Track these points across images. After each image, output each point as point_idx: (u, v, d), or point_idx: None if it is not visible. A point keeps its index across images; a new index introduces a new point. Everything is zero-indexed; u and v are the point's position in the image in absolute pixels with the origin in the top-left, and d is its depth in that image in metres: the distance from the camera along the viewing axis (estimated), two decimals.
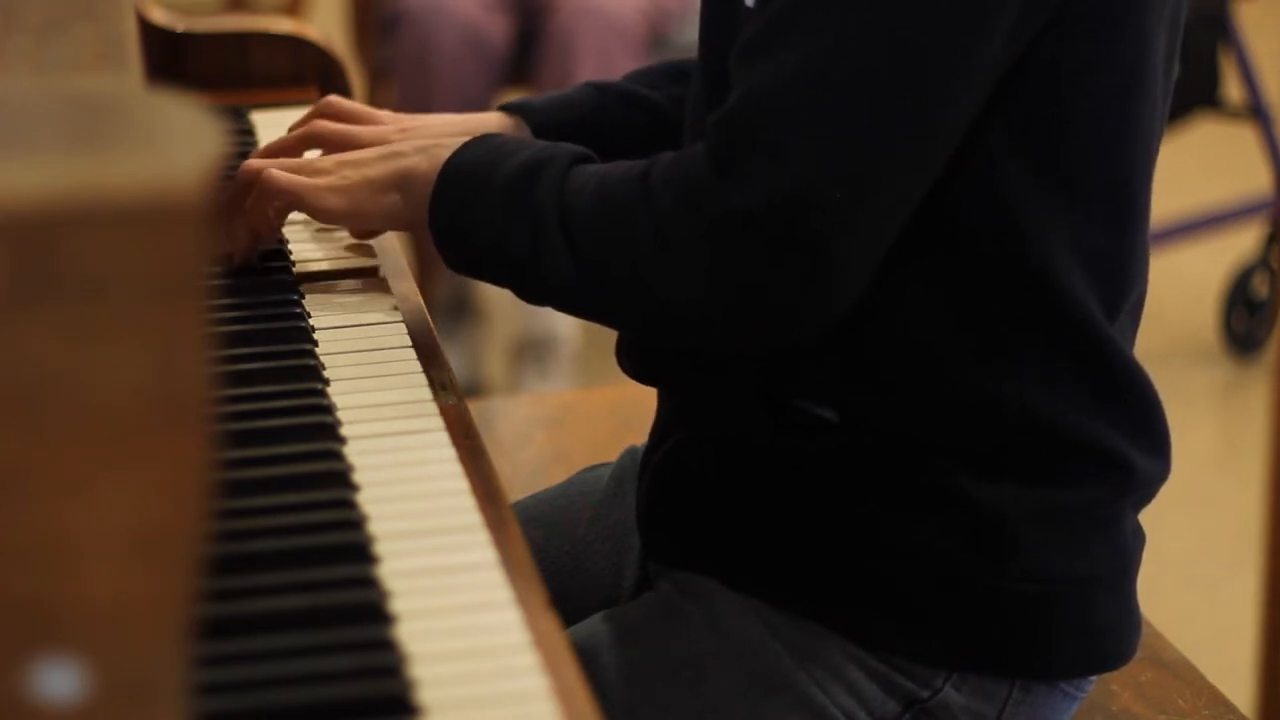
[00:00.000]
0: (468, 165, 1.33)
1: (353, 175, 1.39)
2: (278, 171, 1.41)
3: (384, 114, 1.52)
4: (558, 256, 1.27)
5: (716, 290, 1.22)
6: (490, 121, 1.50)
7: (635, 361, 1.43)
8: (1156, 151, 1.34)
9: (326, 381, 1.29)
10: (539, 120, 1.50)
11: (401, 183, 1.37)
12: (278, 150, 1.48)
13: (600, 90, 1.53)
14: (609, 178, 1.27)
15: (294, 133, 1.50)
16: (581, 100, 1.52)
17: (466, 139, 1.36)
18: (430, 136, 1.46)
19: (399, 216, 1.38)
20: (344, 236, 1.52)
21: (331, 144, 1.47)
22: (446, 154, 1.34)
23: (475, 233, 1.32)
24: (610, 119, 1.51)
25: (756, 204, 1.19)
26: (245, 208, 1.42)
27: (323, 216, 1.41)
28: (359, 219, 1.41)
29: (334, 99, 1.53)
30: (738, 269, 1.21)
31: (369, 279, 1.47)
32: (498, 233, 1.30)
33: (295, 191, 1.39)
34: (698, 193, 1.22)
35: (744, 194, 1.19)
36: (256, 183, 1.41)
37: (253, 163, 1.43)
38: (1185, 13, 1.34)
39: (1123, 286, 1.32)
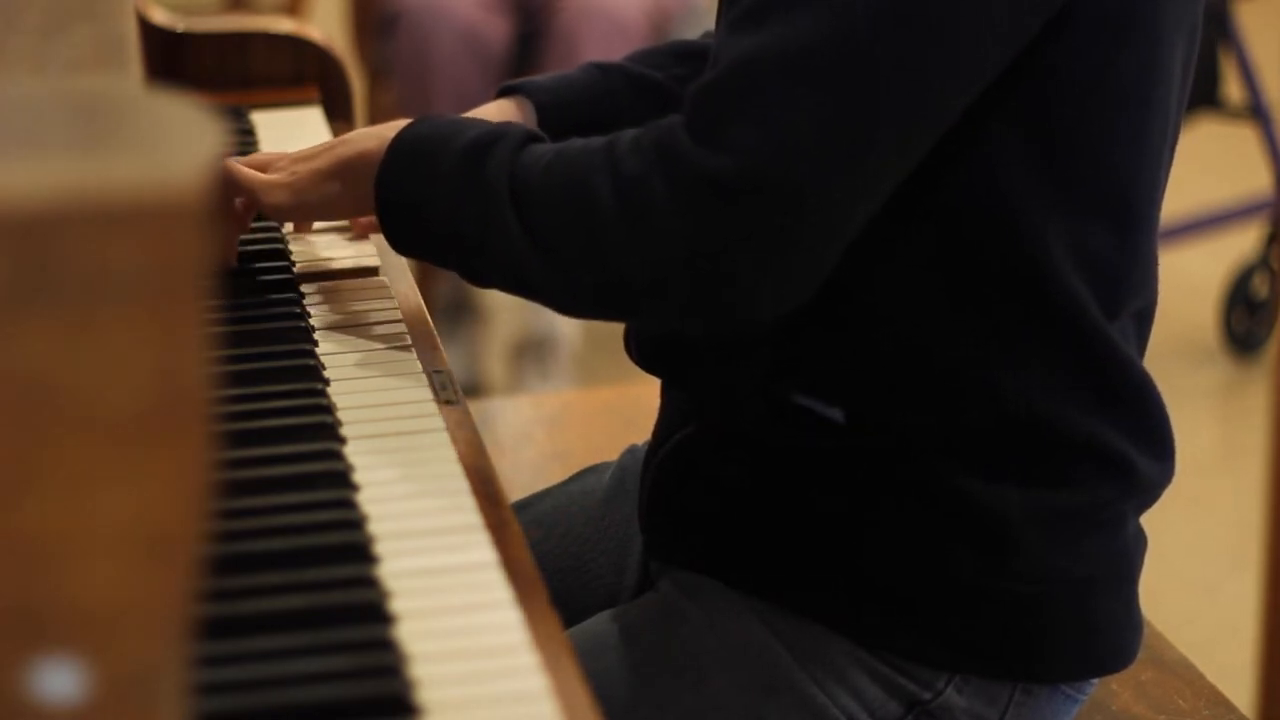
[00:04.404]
0: (416, 142, 1.32)
1: (300, 169, 1.39)
2: (236, 164, 1.42)
3: None
4: (508, 230, 1.25)
5: (679, 258, 1.19)
6: (489, 112, 1.50)
7: (643, 352, 1.42)
8: (1169, 159, 1.33)
9: (326, 381, 1.29)
10: (543, 99, 1.49)
11: (348, 168, 1.36)
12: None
13: (604, 71, 1.52)
14: (566, 151, 1.25)
15: None
16: (585, 80, 1.51)
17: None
18: None
19: (343, 203, 1.38)
20: (344, 236, 1.52)
21: None
22: (393, 133, 1.34)
23: (422, 209, 1.30)
24: (614, 99, 1.50)
25: (731, 168, 1.17)
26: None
27: (270, 212, 1.42)
28: (305, 211, 1.41)
29: None
30: (704, 236, 1.18)
31: (369, 279, 1.47)
32: (446, 209, 1.28)
33: (246, 185, 1.40)
34: (669, 156, 1.19)
35: (719, 158, 1.17)
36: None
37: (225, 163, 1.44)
38: (1201, 21, 1.33)
39: (1122, 291, 1.31)
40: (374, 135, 1.36)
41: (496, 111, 1.48)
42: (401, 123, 1.35)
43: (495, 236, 1.25)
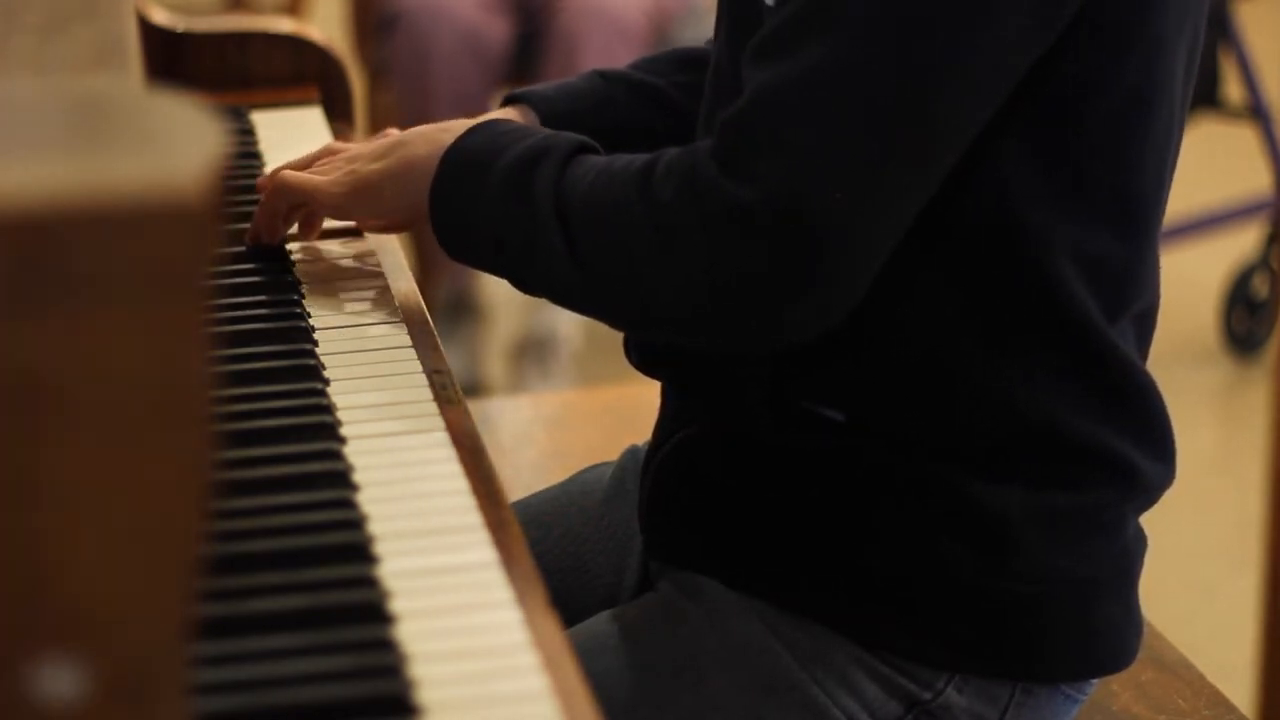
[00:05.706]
0: (468, 152, 1.34)
1: (359, 169, 1.41)
2: (289, 171, 1.43)
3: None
4: (552, 247, 1.27)
5: (709, 287, 1.21)
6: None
7: (642, 355, 1.42)
8: (1173, 162, 1.33)
9: (326, 381, 1.29)
10: (547, 109, 1.50)
11: (404, 172, 1.38)
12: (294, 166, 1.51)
13: (606, 79, 1.53)
14: (609, 169, 1.27)
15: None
16: (588, 89, 1.52)
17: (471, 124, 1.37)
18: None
19: (400, 207, 1.39)
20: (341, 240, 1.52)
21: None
22: (449, 139, 1.35)
23: (473, 221, 1.32)
24: (616, 108, 1.51)
25: (756, 201, 1.19)
26: (258, 209, 1.45)
27: (329, 213, 1.44)
28: (363, 212, 1.42)
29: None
30: (732, 266, 1.20)
31: (369, 278, 1.47)
32: (495, 222, 1.30)
33: (303, 189, 1.42)
34: (699, 187, 1.21)
35: (745, 190, 1.19)
36: (269, 183, 1.44)
37: (270, 172, 1.46)
38: (1204, 24, 1.33)
39: (1124, 294, 1.31)
40: (429, 140, 1.37)
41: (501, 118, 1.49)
42: (456, 127, 1.36)
43: (541, 252, 1.28)
